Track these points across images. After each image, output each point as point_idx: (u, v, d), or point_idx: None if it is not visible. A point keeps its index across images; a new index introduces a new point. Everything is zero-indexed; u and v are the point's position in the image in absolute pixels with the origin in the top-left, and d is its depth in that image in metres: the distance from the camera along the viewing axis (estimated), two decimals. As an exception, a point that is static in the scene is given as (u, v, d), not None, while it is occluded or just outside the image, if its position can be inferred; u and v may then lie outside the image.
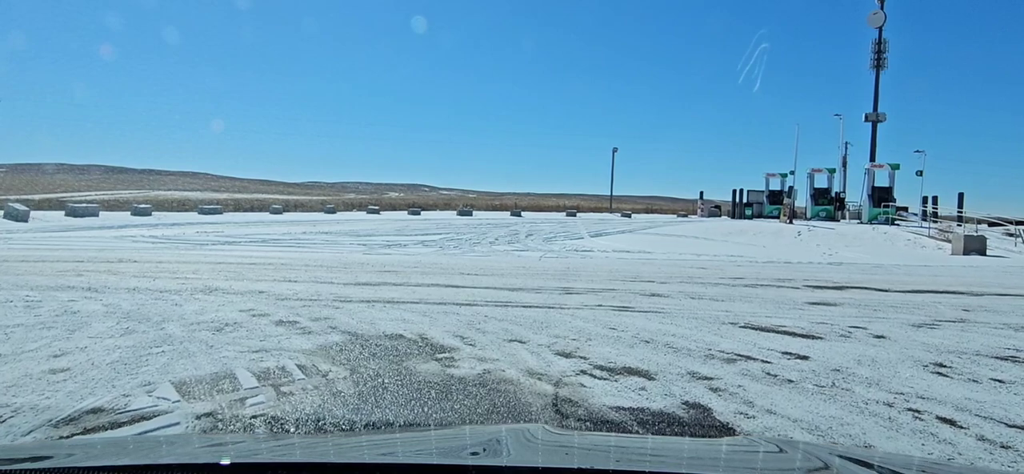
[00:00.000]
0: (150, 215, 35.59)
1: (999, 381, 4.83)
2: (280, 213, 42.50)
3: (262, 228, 25.97)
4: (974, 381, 4.82)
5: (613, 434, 3.53)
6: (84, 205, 35.62)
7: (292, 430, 3.50)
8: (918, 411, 4.09)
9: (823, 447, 2.85)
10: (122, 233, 22.06)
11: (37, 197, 53.07)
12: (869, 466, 1.44)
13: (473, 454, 1.27)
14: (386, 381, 4.44)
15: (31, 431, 3.39)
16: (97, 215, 33.72)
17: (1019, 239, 24.84)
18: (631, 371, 4.87)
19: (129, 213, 36.60)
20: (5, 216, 27.73)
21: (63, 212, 34.12)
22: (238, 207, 51.12)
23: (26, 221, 27.22)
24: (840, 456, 1.50)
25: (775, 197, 41.44)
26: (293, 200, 68.47)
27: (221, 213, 40.64)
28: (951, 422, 3.91)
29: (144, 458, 1.38)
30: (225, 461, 1.11)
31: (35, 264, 11.42)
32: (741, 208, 41.99)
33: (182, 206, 50.16)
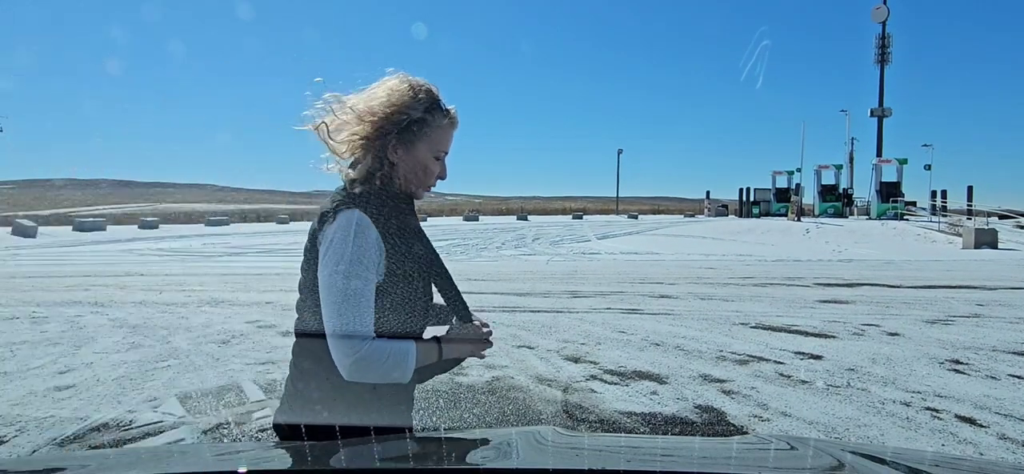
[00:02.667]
0: (157, 228, 35.72)
1: (1018, 377, 4.74)
2: (287, 223, 42.58)
3: (269, 238, 25.99)
4: (992, 378, 4.72)
5: (623, 435, 3.47)
6: (92, 220, 35.76)
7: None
8: (936, 410, 4.00)
9: (834, 444, 2.80)
10: (129, 247, 22.13)
11: (45, 212, 53.47)
12: (881, 461, 1.39)
13: (483, 457, 1.25)
14: (394, 391, 4.39)
15: (35, 450, 3.35)
16: (104, 229, 33.84)
17: (1030, 231, 24.60)
18: (642, 375, 4.80)
19: (136, 227, 36.74)
20: (13, 232, 27.85)
21: (71, 227, 34.27)
22: (245, 218, 51.30)
23: (34, 237, 27.35)
24: (852, 452, 1.45)
25: (782, 195, 41.20)
26: (300, 209, 68.68)
27: (228, 224, 40.76)
28: (971, 420, 3.82)
29: (157, 468, 1.35)
30: (242, 469, 1.07)
31: (42, 280, 11.44)
32: (748, 207, 41.77)
33: (189, 218, 50.37)
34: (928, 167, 36.96)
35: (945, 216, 27.99)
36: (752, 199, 42.22)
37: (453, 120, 1.43)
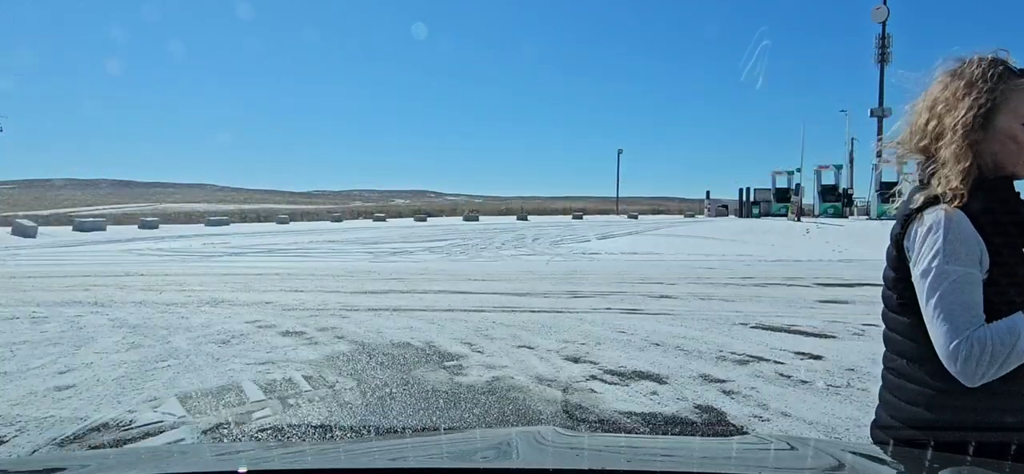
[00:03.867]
0: (157, 228, 35.73)
1: (1018, 377, 4.74)
2: (286, 223, 42.60)
3: (269, 238, 26.01)
4: (993, 378, 4.72)
5: (623, 434, 3.48)
6: (91, 220, 35.79)
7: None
8: (937, 410, 4.00)
9: (834, 444, 2.80)
10: (129, 247, 22.13)
11: (45, 212, 53.45)
12: (882, 461, 1.38)
13: (483, 457, 1.26)
14: (393, 391, 4.39)
15: (35, 450, 3.35)
16: (104, 229, 33.86)
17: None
18: (642, 375, 4.80)
19: (136, 227, 36.75)
20: (13, 232, 27.85)
21: (71, 227, 34.28)
22: (244, 218, 51.31)
23: (34, 237, 27.35)
24: (852, 452, 1.45)
25: (782, 195, 41.15)
26: (299, 209, 68.75)
27: (228, 224, 40.77)
28: (971, 421, 3.82)
29: (157, 468, 1.35)
30: (242, 469, 1.07)
31: (42, 280, 11.45)
32: (748, 207, 41.74)
33: (189, 218, 50.37)
34: (928, 167, 36.86)
35: (945, 216, 27.93)
36: (752, 199, 42.18)
37: None
